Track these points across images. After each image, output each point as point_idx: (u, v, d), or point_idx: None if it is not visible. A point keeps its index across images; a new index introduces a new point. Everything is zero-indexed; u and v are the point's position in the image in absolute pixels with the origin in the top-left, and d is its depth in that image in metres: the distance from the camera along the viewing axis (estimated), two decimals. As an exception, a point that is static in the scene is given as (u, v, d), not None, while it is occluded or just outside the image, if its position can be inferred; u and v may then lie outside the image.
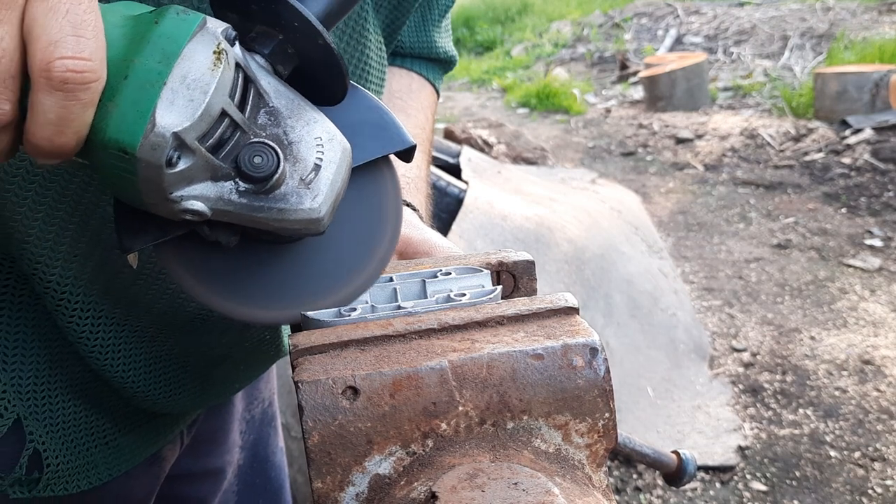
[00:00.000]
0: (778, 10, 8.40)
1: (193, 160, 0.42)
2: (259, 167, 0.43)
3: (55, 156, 0.41)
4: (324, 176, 0.46)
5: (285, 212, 0.45)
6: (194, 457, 0.89)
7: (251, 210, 0.45)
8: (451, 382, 0.42)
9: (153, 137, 0.40)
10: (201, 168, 0.43)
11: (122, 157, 0.40)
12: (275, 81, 0.46)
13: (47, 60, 0.37)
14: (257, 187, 0.44)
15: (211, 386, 0.78)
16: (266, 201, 0.45)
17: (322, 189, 0.45)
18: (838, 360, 2.80)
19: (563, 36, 9.35)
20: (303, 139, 0.46)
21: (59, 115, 0.38)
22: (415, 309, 0.50)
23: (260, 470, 0.99)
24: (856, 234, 3.82)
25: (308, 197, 0.45)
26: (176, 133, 0.40)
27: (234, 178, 0.44)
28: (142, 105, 0.39)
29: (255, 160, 0.43)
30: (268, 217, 0.45)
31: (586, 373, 0.44)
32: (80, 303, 0.62)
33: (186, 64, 0.40)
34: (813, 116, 5.50)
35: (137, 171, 0.41)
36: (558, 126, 6.34)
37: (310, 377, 0.42)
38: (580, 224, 3.03)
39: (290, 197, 0.45)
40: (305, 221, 0.45)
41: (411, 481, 0.40)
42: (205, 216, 0.44)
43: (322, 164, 0.46)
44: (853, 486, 2.19)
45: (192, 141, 0.41)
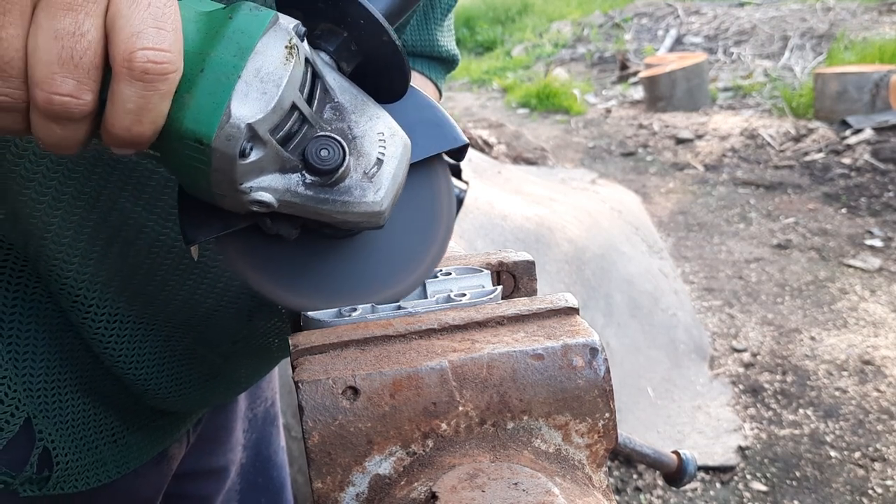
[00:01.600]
0: (778, 11, 8.40)
1: (264, 152, 0.43)
2: (326, 160, 0.45)
3: (131, 145, 0.42)
4: (386, 170, 0.47)
5: (349, 204, 0.46)
6: (199, 455, 0.89)
7: (316, 202, 0.46)
8: (451, 382, 0.42)
9: (228, 128, 0.41)
10: (271, 160, 0.44)
11: (197, 147, 0.41)
12: (339, 78, 0.48)
13: (129, 51, 0.38)
14: (323, 180, 0.45)
15: (219, 384, 0.78)
16: (331, 194, 0.46)
17: (384, 183, 0.47)
18: (838, 361, 2.80)
19: (564, 36, 9.35)
20: (366, 134, 0.47)
21: (139, 105, 0.39)
22: (415, 309, 0.50)
23: (262, 469, 1.00)
24: (856, 235, 3.82)
25: (371, 190, 0.46)
26: (250, 124, 0.41)
27: (301, 171, 0.45)
28: (218, 97, 0.41)
29: (322, 153, 0.45)
30: (332, 209, 0.46)
31: (586, 373, 0.44)
32: (96, 300, 0.63)
33: (260, 58, 0.41)
34: (813, 117, 5.49)
35: (211, 162, 0.42)
36: (558, 126, 6.34)
37: (310, 377, 0.42)
38: (580, 224, 3.03)
39: (353, 190, 0.46)
40: (368, 214, 0.47)
41: (411, 481, 0.40)
42: (272, 207, 0.45)
43: (384, 159, 0.47)
44: (853, 486, 2.19)
45: (265, 133, 0.42)
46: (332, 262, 0.53)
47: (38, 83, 0.39)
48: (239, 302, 0.71)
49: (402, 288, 0.53)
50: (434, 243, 0.54)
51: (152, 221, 0.61)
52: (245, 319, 0.73)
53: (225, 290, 0.69)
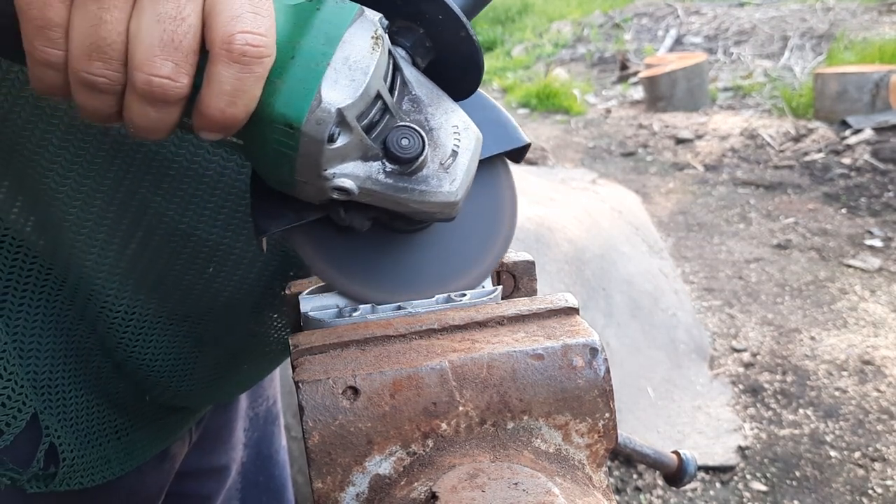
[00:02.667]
0: (778, 11, 8.40)
1: (350, 138, 0.44)
2: (406, 149, 0.46)
3: (223, 128, 0.42)
4: (460, 162, 0.48)
5: (426, 194, 0.47)
6: (201, 454, 0.89)
7: (395, 190, 0.47)
8: (451, 382, 0.42)
9: (319, 113, 0.42)
10: (355, 147, 0.45)
11: (287, 131, 0.43)
12: (415, 72, 0.49)
13: (229, 34, 0.39)
14: (403, 168, 0.46)
15: (229, 379, 0.79)
16: (409, 182, 0.47)
17: (459, 174, 0.48)
18: (838, 361, 2.80)
19: (564, 36, 9.35)
20: (442, 126, 0.48)
21: (234, 87, 0.40)
22: (415, 309, 0.50)
23: (263, 468, 1.00)
24: (856, 235, 3.82)
25: (447, 181, 0.47)
26: (339, 109, 0.42)
27: (382, 159, 0.46)
28: (308, 83, 0.42)
29: (403, 142, 0.46)
30: (409, 198, 0.47)
31: (586, 373, 0.44)
32: (115, 291, 0.63)
33: (348, 47, 0.43)
34: (813, 117, 5.49)
35: (299, 147, 0.43)
36: (558, 126, 6.34)
37: (310, 377, 0.42)
38: (580, 224, 3.03)
39: (430, 180, 0.47)
40: (443, 204, 0.48)
41: (411, 481, 0.40)
42: (352, 194, 0.46)
43: (459, 151, 0.48)
44: (853, 486, 2.19)
45: (352, 119, 0.43)
46: (399, 255, 0.54)
47: (139, 65, 0.40)
48: (254, 294, 0.71)
49: (464, 283, 0.55)
50: (497, 240, 0.56)
51: (172, 210, 0.61)
52: (260, 313, 0.73)
53: (242, 282, 0.69)
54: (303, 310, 0.53)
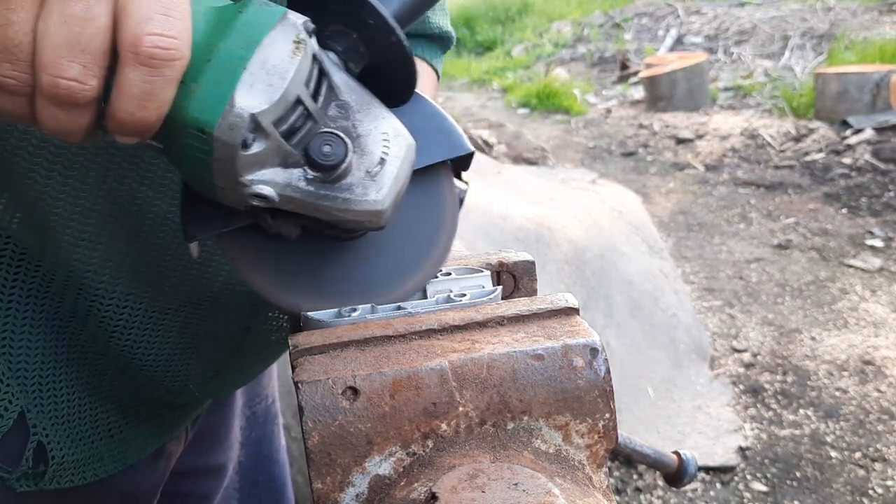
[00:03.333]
0: (778, 10, 8.40)
1: (266, 144, 0.43)
2: (328, 156, 0.45)
3: (135, 132, 0.42)
4: (388, 170, 0.47)
5: (350, 202, 0.46)
6: (197, 454, 0.89)
7: (317, 198, 0.46)
8: (451, 383, 0.42)
9: (231, 118, 0.41)
10: (273, 153, 0.44)
11: (200, 136, 0.42)
12: (346, 77, 0.48)
13: (137, 36, 0.39)
14: (325, 176, 0.45)
15: (227, 374, 0.78)
16: (332, 190, 0.46)
17: (386, 182, 0.46)
18: (839, 361, 2.80)
19: (564, 36, 9.35)
20: (370, 133, 0.47)
21: (143, 90, 0.40)
22: (415, 309, 0.50)
23: (263, 467, 0.99)
24: (856, 235, 3.82)
25: (373, 189, 0.46)
26: (253, 115, 0.41)
27: (303, 166, 0.45)
28: (223, 86, 0.41)
29: (325, 149, 0.45)
30: (332, 206, 0.46)
31: (587, 373, 0.44)
32: (105, 286, 0.62)
33: (267, 51, 0.42)
34: (813, 117, 5.49)
35: (213, 152, 0.42)
36: (559, 126, 6.34)
37: (310, 377, 0.42)
38: (580, 224, 3.03)
39: (355, 188, 0.46)
40: (369, 213, 0.46)
41: (411, 482, 0.40)
42: (272, 202, 0.45)
43: (387, 159, 0.47)
44: (854, 486, 2.19)
45: (268, 124, 0.42)
46: (332, 263, 0.53)
47: (45, 67, 0.39)
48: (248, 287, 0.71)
49: (401, 293, 0.53)
50: (436, 249, 0.54)
51: (159, 201, 0.61)
52: (255, 306, 0.73)
53: (233, 273, 0.68)
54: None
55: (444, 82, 8.73)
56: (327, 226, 0.49)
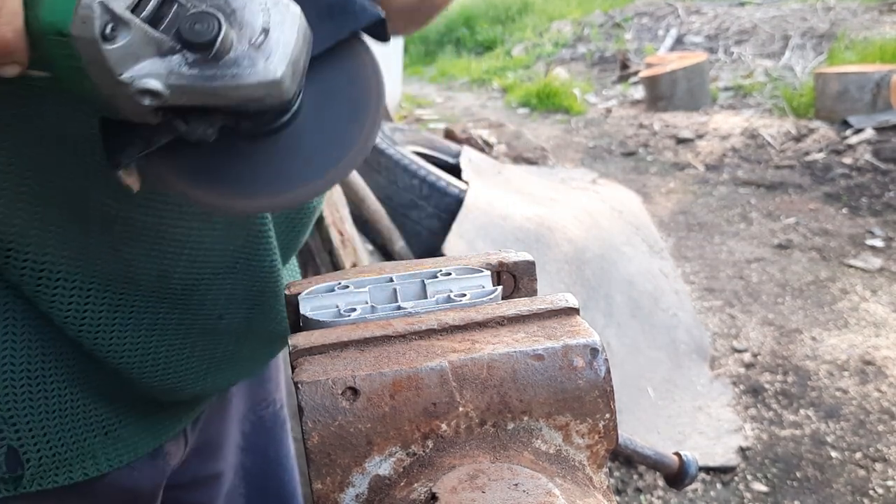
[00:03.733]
0: (779, 10, 8.40)
1: (131, 34, 0.42)
2: (201, 33, 0.44)
3: (5, 54, 0.41)
4: (273, 37, 0.45)
5: (239, 77, 0.45)
6: (200, 462, 0.88)
7: (205, 80, 0.44)
8: (451, 383, 0.42)
9: (81, 11, 0.40)
10: (143, 42, 0.43)
11: (60, 41, 0.41)
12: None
13: None
14: (204, 55, 0.44)
15: (216, 368, 0.77)
16: (217, 69, 0.44)
17: (275, 50, 0.45)
18: (839, 361, 2.80)
19: (564, 35, 9.35)
20: (246, 6, 0.46)
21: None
22: (415, 309, 0.50)
23: (272, 473, 0.98)
24: (857, 235, 3.82)
25: (260, 59, 0.45)
26: (102, 2, 0.41)
27: (182, 51, 0.44)
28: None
29: (196, 27, 0.44)
30: (224, 85, 0.45)
31: (587, 373, 0.43)
32: (62, 283, 0.60)
33: None
34: (814, 116, 5.49)
35: (80, 55, 0.41)
36: (559, 126, 6.34)
37: (309, 378, 0.42)
38: (581, 224, 3.03)
39: (242, 61, 0.45)
40: (264, 85, 0.45)
41: (411, 482, 0.40)
42: (162, 94, 0.44)
43: (270, 27, 0.46)
44: (854, 486, 2.19)
45: (123, 11, 0.41)
46: (263, 158, 0.52)
47: None
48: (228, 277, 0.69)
49: (339, 170, 0.53)
50: (366, 119, 0.53)
51: (103, 195, 0.59)
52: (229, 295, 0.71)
53: (205, 262, 0.67)
54: (302, 310, 0.53)
55: (444, 82, 8.73)
56: (239, 118, 0.48)
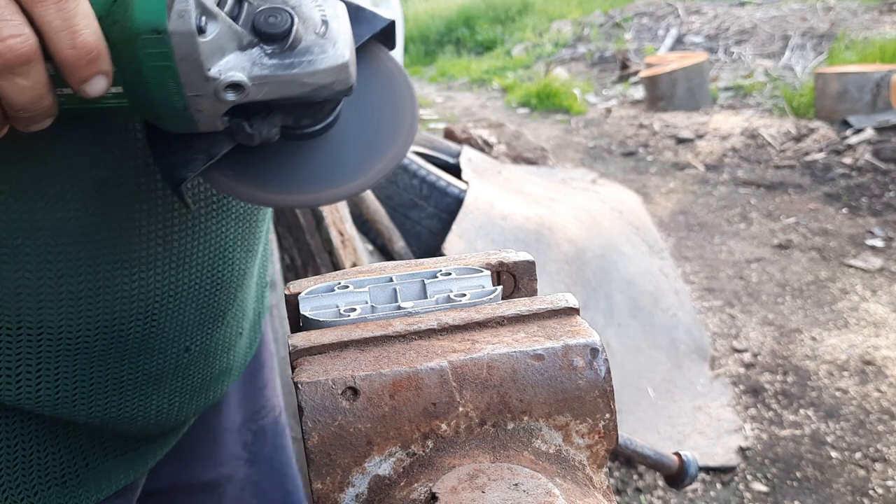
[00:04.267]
0: (779, 10, 8.40)
1: (219, 26, 0.44)
2: (276, 24, 0.47)
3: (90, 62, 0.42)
4: (333, 27, 0.49)
5: (314, 62, 0.48)
6: (180, 467, 0.84)
7: (284, 69, 0.47)
8: (451, 383, 0.42)
9: (177, 5, 0.42)
10: (227, 36, 0.45)
11: (156, 38, 0.42)
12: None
13: None
14: (281, 45, 0.47)
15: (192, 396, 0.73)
16: (294, 57, 0.47)
17: (338, 37, 0.49)
18: (839, 361, 2.80)
19: (564, 35, 9.35)
20: (301, 3, 0.49)
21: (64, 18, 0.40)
22: (415, 309, 0.50)
23: (278, 483, 0.95)
24: (857, 235, 3.82)
25: (329, 45, 0.48)
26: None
27: (259, 44, 0.47)
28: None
29: (270, 20, 0.47)
30: (301, 72, 0.47)
31: (587, 373, 0.43)
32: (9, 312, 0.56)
33: None
34: (814, 116, 5.49)
35: (174, 51, 0.43)
36: (559, 126, 6.34)
37: (309, 378, 0.42)
38: (581, 224, 3.03)
39: (313, 48, 0.48)
40: (335, 69, 0.48)
41: (411, 482, 0.40)
42: (246, 87, 0.46)
43: (328, 19, 0.49)
44: (854, 486, 2.19)
45: (212, 4, 0.44)
46: (313, 157, 0.55)
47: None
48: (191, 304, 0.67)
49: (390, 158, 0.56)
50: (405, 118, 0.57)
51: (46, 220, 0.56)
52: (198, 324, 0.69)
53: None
54: (302, 310, 0.53)
55: (444, 82, 8.73)
56: (301, 115, 0.51)
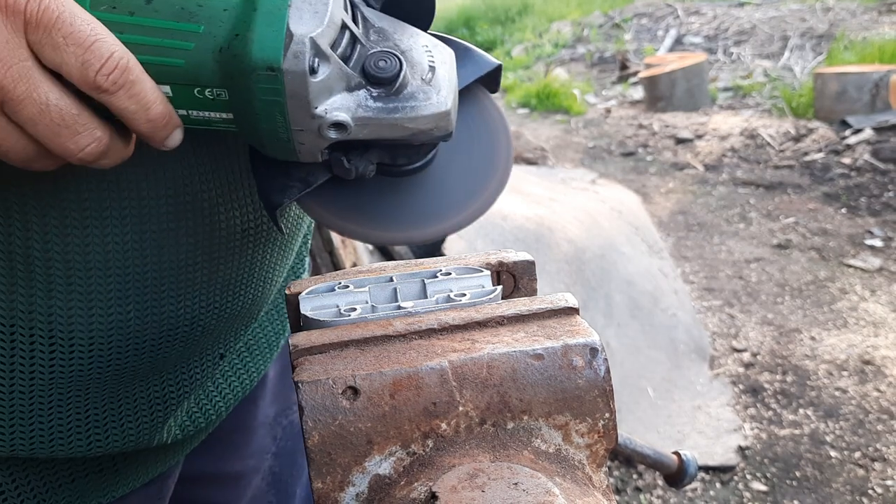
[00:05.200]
0: (778, 11, 8.40)
1: (330, 68, 0.46)
2: (385, 69, 0.47)
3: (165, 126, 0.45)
4: (440, 74, 0.50)
5: (417, 108, 0.48)
6: (211, 459, 0.85)
7: (387, 112, 0.48)
8: (451, 382, 0.42)
9: (294, 46, 0.44)
10: (337, 77, 0.46)
11: (269, 76, 0.44)
12: (371, 11, 0.51)
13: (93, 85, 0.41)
14: (387, 89, 0.48)
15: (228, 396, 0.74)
16: (398, 101, 0.48)
17: (443, 84, 0.49)
18: (838, 361, 2.80)
19: (564, 36, 9.35)
20: (412, 48, 0.50)
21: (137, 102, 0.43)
22: (415, 309, 0.50)
23: (297, 477, 0.95)
24: (856, 235, 3.82)
25: (433, 92, 0.49)
26: (312, 38, 0.44)
27: (366, 87, 0.48)
28: (276, 25, 0.44)
29: (380, 64, 0.48)
30: (403, 117, 0.48)
31: (586, 373, 0.44)
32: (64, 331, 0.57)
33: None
34: (813, 116, 5.49)
35: (285, 88, 0.45)
36: (558, 126, 6.34)
37: (310, 377, 0.42)
38: (580, 224, 3.03)
39: (417, 94, 0.49)
40: (437, 116, 0.49)
41: (411, 481, 0.40)
42: (350, 128, 0.47)
43: (435, 65, 0.50)
44: (853, 486, 2.19)
45: (326, 47, 0.45)
46: (411, 194, 0.56)
47: (63, 154, 0.43)
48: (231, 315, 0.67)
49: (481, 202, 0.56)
50: (500, 160, 0.57)
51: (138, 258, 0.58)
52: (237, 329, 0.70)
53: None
54: (302, 310, 0.53)
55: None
56: (397, 154, 0.52)
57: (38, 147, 0.43)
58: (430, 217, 0.56)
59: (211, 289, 0.65)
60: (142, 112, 0.44)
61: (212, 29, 0.44)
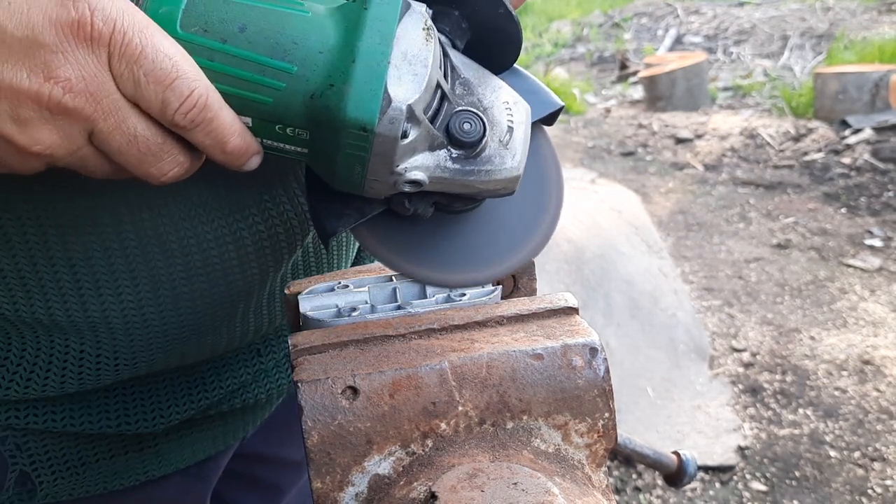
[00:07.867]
0: (778, 10, 8.40)
1: (419, 131, 0.45)
2: (469, 133, 0.47)
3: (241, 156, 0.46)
4: (517, 136, 0.49)
5: (492, 173, 0.48)
6: (266, 442, 0.85)
7: (463, 174, 0.48)
8: (450, 382, 0.42)
9: (391, 112, 0.43)
10: (423, 139, 0.46)
11: (360, 135, 0.43)
12: (458, 55, 0.50)
13: (174, 121, 0.42)
14: (468, 152, 0.47)
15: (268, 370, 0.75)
16: (475, 164, 0.48)
17: (518, 148, 0.49)
18: (838, 360, 2.80)
19: (563, 36, 9.35)
20: (494, 105, 0.49)
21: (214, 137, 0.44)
22: (414, 309, 0.50)
23: None
24: (856, 234, 3.82)
25: (508, 157, 0.48)
26: (409, 105, 0.43)
27: (447, 146, 0.47)
28: (373, 83, 0.43)
29: (465, 126, 0.47)
30: (477, 180, 0.48)
31: (586, 373, 0.44)
32: None
33: (403, 42, 0.44)
34: (813, 116, 5.49)
35: (372, 148, 0.44)
36: (558, 126, 6.34)
37: (309, 377, 0.42)
38: (580, 224, 3.03)
39: (494, 158, 0.48)
40: (507, 181, 0.49)
41: (411, 481, 0.40)
42: (423, 185, 0.47)
43: (514, 126, 0.49)
44: (853, 486, 2.19)
45: (420, 112, 0.44)
46: (462, 234, 0.55)
47: (146, 178, 0.44)
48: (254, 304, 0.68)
49: (529, 250, 0.55)
50: (550, 204, 0.57)
51: None
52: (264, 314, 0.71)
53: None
54: (302, 310, 0.53)
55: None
56: (459, 199, 0.51)
57: (122, 170, 0.45)
58: (481, 261, 0.55)
59: None
60: (218, 146, 0.44)
61: (305, 72, 0.43)
